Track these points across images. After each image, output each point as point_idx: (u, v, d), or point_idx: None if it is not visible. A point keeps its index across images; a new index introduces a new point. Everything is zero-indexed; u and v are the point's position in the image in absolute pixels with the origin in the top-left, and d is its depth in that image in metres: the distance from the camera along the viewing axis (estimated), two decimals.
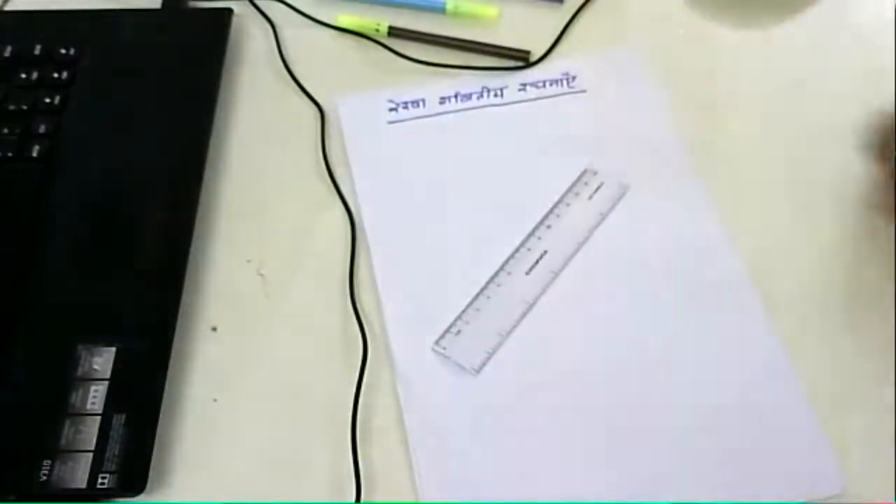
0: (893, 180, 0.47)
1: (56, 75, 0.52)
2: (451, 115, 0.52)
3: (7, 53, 0.53)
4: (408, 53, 0.55)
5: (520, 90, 0.53)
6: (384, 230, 0.48)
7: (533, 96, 0.53)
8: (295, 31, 0.56)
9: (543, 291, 0.46)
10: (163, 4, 0.57)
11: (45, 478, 0.40)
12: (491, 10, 0.56)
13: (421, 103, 0.53)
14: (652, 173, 0.50)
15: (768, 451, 0.41)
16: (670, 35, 0.56)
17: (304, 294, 0.47)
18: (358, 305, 0.46)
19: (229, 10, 0.56)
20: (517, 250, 0.47)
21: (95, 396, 0.42)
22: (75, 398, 0.42)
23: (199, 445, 0.42)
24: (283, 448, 0.42)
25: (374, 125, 0.52)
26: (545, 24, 0.56)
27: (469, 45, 0.55)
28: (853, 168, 0.50)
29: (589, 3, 0.57)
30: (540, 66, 0.54)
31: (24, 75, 0.52)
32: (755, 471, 0.41)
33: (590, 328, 0.45)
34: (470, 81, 0.54)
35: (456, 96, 0.53)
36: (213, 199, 0.50)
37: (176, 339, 0.44)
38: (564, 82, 0.53)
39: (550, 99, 0.53)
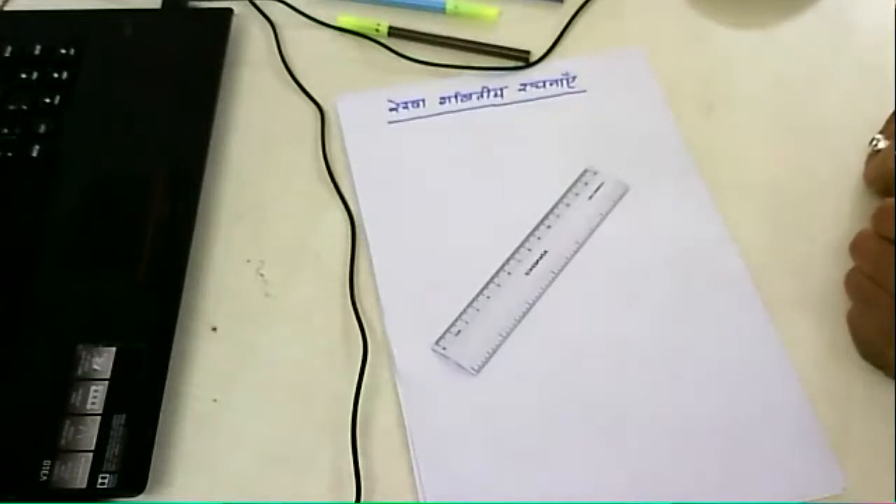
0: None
1: (56, 75, 0.52)
2: (451, 115, 0.52)
3: (7, 53, 0.53)
4: (408, 53, 0.55)
5: (520, 90, 0.53)
6: (384, 230, 0.48)
7: (533, 96, 0.53)
8: (295, 31, 0.56)
9: (543, 291, 0.46)
10: (163, 4, 0.57)
11: (45, 478, 0.40)
12: (491, 10, 0.56)
13: (421, 103, 0.53)
14: (652, 173, 0.50)
15: (768, 450, 0.41)
16: (670, 35, 0.56)
17: (304, 294, 0.47)
18: (358, 305, 0.46)
19: (229, 10, 0.56)
20: (517, 250, 0.47)
21: (95, 396, 0.42)
22: (75, 398, 0.42)
23: (199, 445, 0.42)
24: (283, 448, 0.42)
25: (374, 125, 0.52)
26: (545, 24, 0.56)
27: (469, 45, 0.55)
28: (853, 166, 0.50)
29: (589, 3, 0.57)
30: (540, 66, 0.54)
31: (24, 75, 0.52)
32: (755, 471, 0.41)
33: (590, 328, 0.45)
34: (470, 81, 0.54)
35: (456, 96, 0.53)
36: (213, 199, 0.50)
37: (176, 339, 0.44)
38: (564, 82, 0.53)
39: (550, 99, 0.53)
